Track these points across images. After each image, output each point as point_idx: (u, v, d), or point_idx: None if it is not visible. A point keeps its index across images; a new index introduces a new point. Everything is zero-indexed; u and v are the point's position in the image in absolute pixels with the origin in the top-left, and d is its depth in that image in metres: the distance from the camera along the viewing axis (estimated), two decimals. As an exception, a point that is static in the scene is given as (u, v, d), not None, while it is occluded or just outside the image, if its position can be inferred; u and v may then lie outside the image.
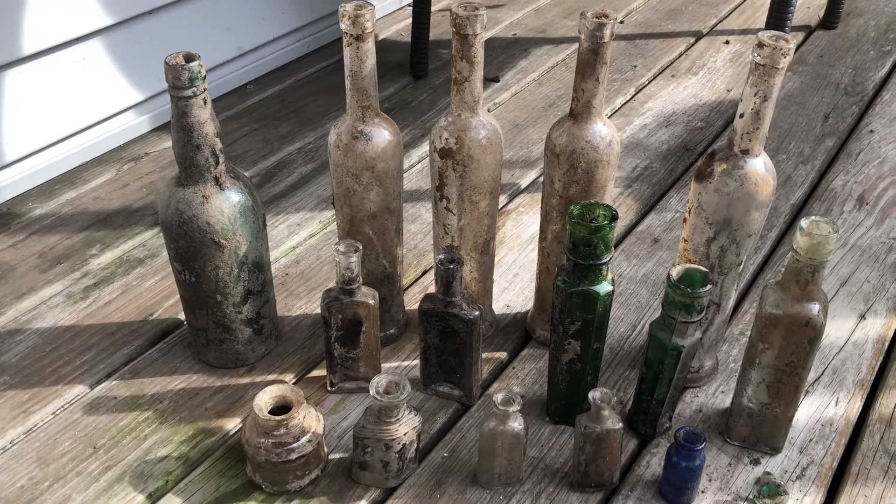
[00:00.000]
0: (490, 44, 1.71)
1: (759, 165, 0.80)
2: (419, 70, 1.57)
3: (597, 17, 0.79)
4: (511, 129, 1.43)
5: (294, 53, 1.64)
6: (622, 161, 1.34)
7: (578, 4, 1.88)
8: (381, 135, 0.86)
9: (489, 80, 1.57)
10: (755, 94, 0.76)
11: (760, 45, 0.74)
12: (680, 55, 1.67)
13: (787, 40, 0.74)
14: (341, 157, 0.86)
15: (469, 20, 0.79)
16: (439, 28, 1.71)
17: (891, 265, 1.11)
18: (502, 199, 1.25)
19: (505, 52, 1.68)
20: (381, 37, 1.73)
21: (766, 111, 0.77)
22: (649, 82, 1.58)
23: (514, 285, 1.08)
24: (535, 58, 1.65)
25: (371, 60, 0.82)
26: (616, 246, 1.16)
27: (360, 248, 0.84)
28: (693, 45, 1.71)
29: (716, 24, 1.79)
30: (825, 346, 0.99)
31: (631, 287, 1.08)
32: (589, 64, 0.81)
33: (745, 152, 0.79)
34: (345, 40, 0.80)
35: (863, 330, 1.01)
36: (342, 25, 0.80)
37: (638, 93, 1.54)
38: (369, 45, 0.81)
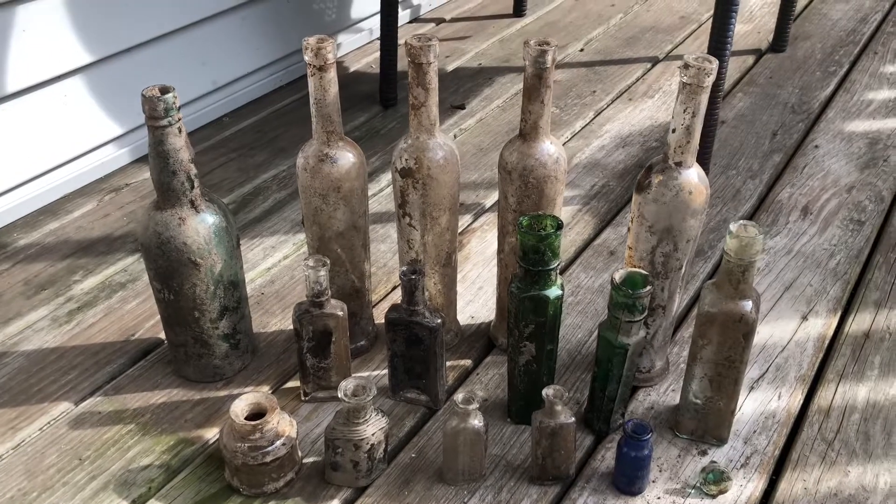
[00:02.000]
0: (457, 73, 1.79)
1: (693, 176, 0.87)
2: (388, 100, 1.65)
3: (539, 45, 0.87)
4: (476, 153, 1.50)
5: (268, 86, 1.71)
6: (581, 180, 1.41)
7: (541, 34, 1.97)
8: (346, 157, 0.92)
9: (455, 107, 1.65)
10: (684, 111, 0.83)
11: (686, 66, 0.82)
12: (637, 80, 1.76)
13: (710, 61, 0.82)
14: (309, 179, 0.93)
15: (423, 50, 0.86)
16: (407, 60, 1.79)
17: (832, 270, 1.18)
18: (468, 219, 1.32)
19: (471, 81, 1.76)
20: (351, 69, 1.81)
21: (695, 126, 0.84)
22: (608, 106, 1.66)
23: (478, 298, 1.14)
24: (499, 86, 1.73)
25: (333, 89, 0.89)
26: (575, 259, 1.22)
27: (328, 262, 0.90)
28: (650, 70, 1.80)
29: (671, 50, 1.88)
30: (770, 345, 1.05)
31: (588, 296, 1.15)
32: (534, 88, 0.88)
33: (679, 164, 0.86)
34: (308, 71, 0.87)
35: (805, 330, 1.08)
36: (306, 57, 0.86)
37: (597, 116, 1.62)
38: (331, 75, 0.88)
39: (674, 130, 0.85)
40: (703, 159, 1.35)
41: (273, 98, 1.69)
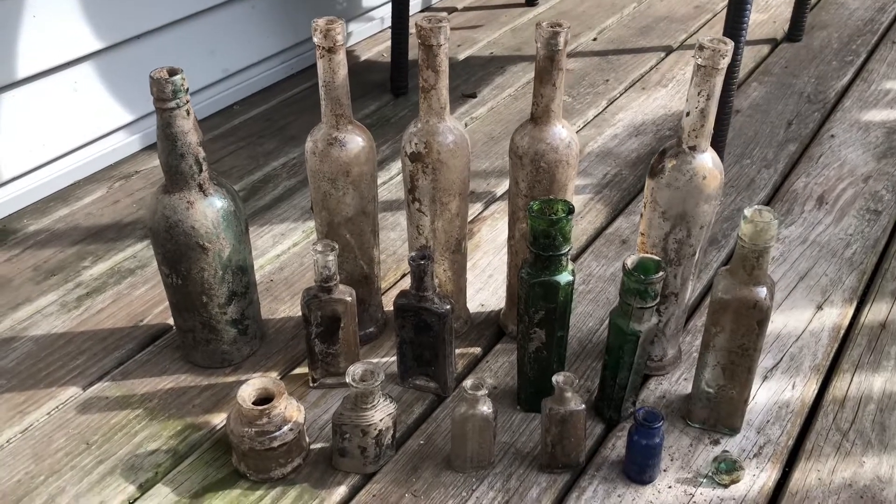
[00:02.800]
0: (468, 62, 1.78)
1: (707, 160, 0.85)
2: (399, 88, 1.64)
3: (551, 27, 0.85)
4: (487, 141, 1.49)
5: (279, 75, 1.70)
6: (593, 168, 1.40)
7: (553, 24, 1.95)
8: (355, 141, 0.91)
9: (466, 96, 1.64)
10: (699, 94, 0.82)
11: (701, 47, 0.80)
12: (651, 69, 1.74)
13: (725, 43, 0.80)
14: (318, 163, 0.92)
15: (433, 31, 0.85)
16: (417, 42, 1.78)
17: (847, 259, 1.17)
18: (479, 207, 1.31)
19: (482, 70, 1.74)
20: (363, 58, 1.80)
21: (709, 109, 0.83)
22: (620, 95, 1.64)
23: (488, 286, 1.13)
24: (510, 74, 1.72)
25: (342, 71, 0.88)
26: (586, 247, 1.21)
27: (337, 247, 0.89)
28: (663, 59, 1.78)
29: (685, 39, 1.86)
30: (784, 334, 1.04)
31: (600, 285, 1.14)
32: (546, 70, 0.87)
33: (693, 148, 0.85)
34: (317, 53, 0.86)
35: (819, 320, 1.06)
36: (315, 39, 0.85)
37: (609, 105, 1.61)
38: (340, 57, 0.87)
39: (688, 114, 0.84)
40: (718, 147, 1.33)
41: (283, 86, 1.69)
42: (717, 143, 1.32)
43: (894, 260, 1.17)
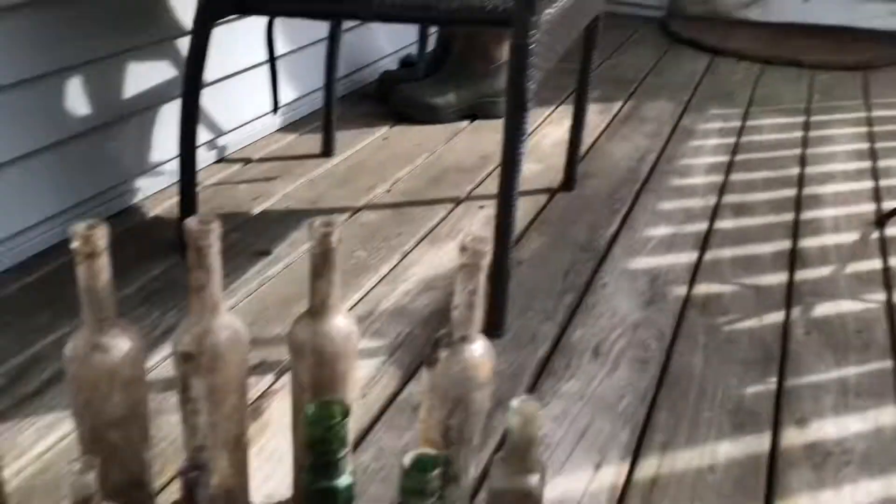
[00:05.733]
0: (264, 216, 1.77)
1: (477, 350, 0.89)
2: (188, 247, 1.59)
3: (324, 225, 0.87)
4: (281, 304, 1.47)
5: (56, 238, 1.61)
6: (386, 329, 1.42)
7: (349, 175, 2.01)
8: (121, 345, 0.87)
9: (259, 253, 1.62)
10: (464, 290, 0.86)
11: (463, 248, 0.85)
12: (440, 221, 1.82)
13: (484, 242, 0.86)
14: (79, 369, 0.86)
15: (202, 234, 0.84)
16: (211, 203, 1.76)
17: (621, 412, 1.25)
18: (269, 379, 1.28)
19: (278, 224, 1.75)
20: (151, 214, 1.74)
21: (476, 302, 0.87)
22: (412, 248, 1.70)
23: (277, 472, 1.09)
24: (307, 229, 1.73)
25: (105, 275, 0.84)
26: (378, 418, 1.21)
27: (97, 462, 0.82)
28: (452, 210, 1.87)
29: (472, 190, 1.97)
30: (565, 500, 1.08)
31: (392, 460, 1.13)
32: (320, 267, 0.88)
33: (464, 339, 0.88)
34: (76, 259, 0.82)
35: (598, 481, 1.11)
36: (74, 245, 0.81)
37: (403, 259, 1.65)
38: (103, 262, 0.83)
39: (456, 307, 0.87)
40: (498, 304, 1.39)
41: (62, 250, 1.59)
42: (497, 301, 1.39)
43: (662, 411, 1.26)
